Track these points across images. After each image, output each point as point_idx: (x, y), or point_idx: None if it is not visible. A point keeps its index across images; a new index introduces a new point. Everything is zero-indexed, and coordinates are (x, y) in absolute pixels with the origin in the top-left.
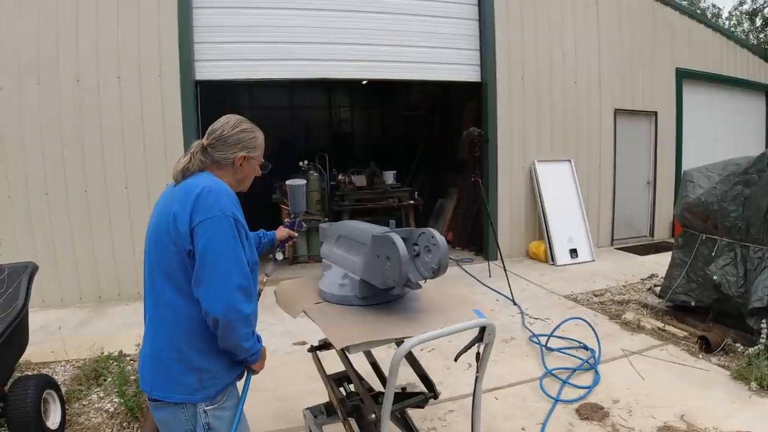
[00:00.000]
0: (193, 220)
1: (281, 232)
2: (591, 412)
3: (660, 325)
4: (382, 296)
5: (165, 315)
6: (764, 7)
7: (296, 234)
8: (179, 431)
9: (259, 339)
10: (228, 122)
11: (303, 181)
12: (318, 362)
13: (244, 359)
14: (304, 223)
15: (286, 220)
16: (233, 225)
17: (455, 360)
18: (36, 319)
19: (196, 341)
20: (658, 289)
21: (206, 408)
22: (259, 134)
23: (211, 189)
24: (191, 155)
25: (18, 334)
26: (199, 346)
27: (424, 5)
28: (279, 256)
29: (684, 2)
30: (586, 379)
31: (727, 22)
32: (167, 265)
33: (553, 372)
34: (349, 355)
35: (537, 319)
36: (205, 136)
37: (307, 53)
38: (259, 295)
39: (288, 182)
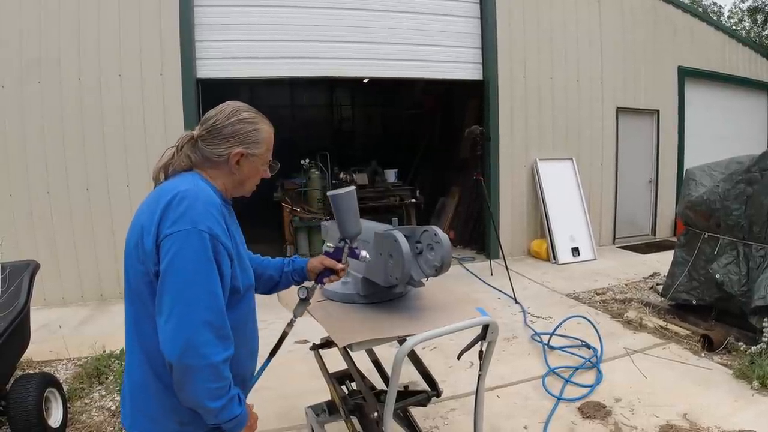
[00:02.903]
0: (159, 234)
1: (314, 262)
2: (593, 410)
3: (662, 323)
4: (384, 294)
5: (137, 343)
6: (766, 5)
7: (342, 266)
8: None
9: (240, 401)
10: (223, 110)
11: (351, 188)
12: (320, 360)
13: (217, 426)
14: (363, 251)
15: (327, 244)
16: (207, 243)
17: (458, 358)
18: (37, 317)
19: (168, 378)
20: (660, 287)
21: None
22: (263, 126)
23: (185, 195)
24: (176, 149)
25: (19, 332)
26: (171, 384)
27: (425, 3)
28: (302, 293)
29: (686, 0)
30: (588, 377)
31: (728, 21)
32: (136, 286)
33: (555, 370)
34: (351, 353)
35: (539, 317)
36: (198, 125)
37: (308, 51)
38: (283, 338)
39: (330, 193)
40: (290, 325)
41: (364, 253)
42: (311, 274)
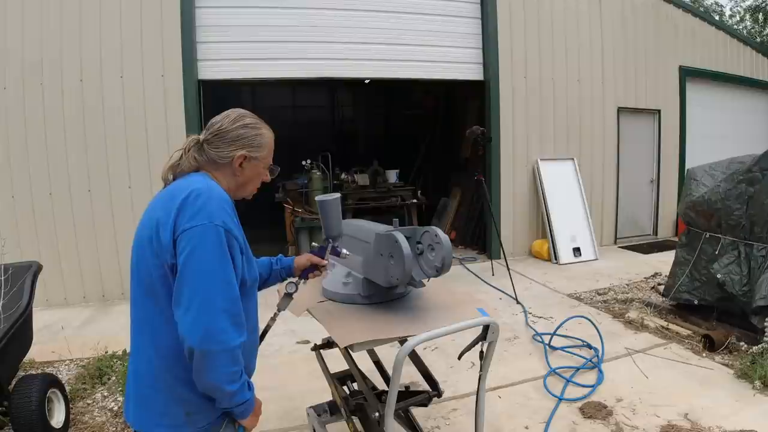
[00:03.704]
0: (176, 228)
1: (301, 259)
2: (594, 410)
3: (663, 323)
4: (385, 295)
5: (146, 338)
6: (766, 4)
7: (325, 262)
8: None
9: (249, 386)
10: (228, 116)
11: (336, 195)
12: (321, 361)
13: (229, 410)
14: (343, 249)
15: (313, 243)
16: (222, 237)
17: (459, 358)
18: (40, 318)
19: (178, 369)
20: (661, 287)
21: None
22: (265, 132)
23: (200, 193)
24: (183, 152)
25: (22, 333)
26: (182, 375)
27: (427, 4)
28: (291, 288)
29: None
30: (589, 377)
31: (729, 20)
32: (149, 280)
33: (556, 371)
34: (352, 354)
35: (540, 317)
36: (204, 130)
37: (309, 52)
38: (267, 331)
39: (318, 198)
40: (273, 318)
41: (344, 251)
42: (297, 270)
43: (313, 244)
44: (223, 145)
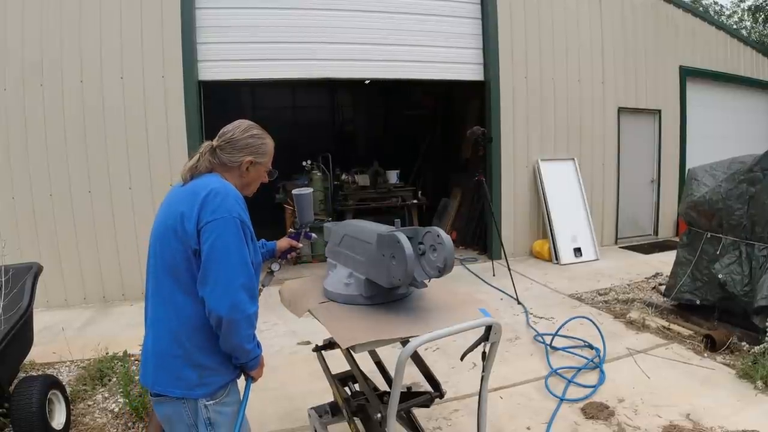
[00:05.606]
0: (200, 220)
1: (282, 242)
2: (596, 411)
3: (665, 323)
4: (387, 295)
5: (168, 312)
6: (767, 4)
7: (300, 245)
8: (181, 426)
9: (258, 345)
10: (239, 126)
11: (309, 190)
12: (323, 362)
13: (244, 364)
14: (313, 234)
15: (290, 230)
16: (239, 226)
17: (461, 359)
18: (40, 319)
19: (197, 337)
20: (662, 287)
21: (207, 403)
22: (268, 141)
23: (219, 191)
24: (200, 155)
25: (23, 334)
26: (200, 343)
27: (427, 4)
28: (275, 266)
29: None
30: (591, 378)
31: (729, 20)
32: (172, 263)
33: (558, 371)
34: (354, 355)
35: (541, 318)
36: (216, 137)
37: (309, 53)
38: None
39: (294, 191)
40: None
41: (314, 235)
42: (279, 252)
43: (290, 230)
44: (234, 151)
